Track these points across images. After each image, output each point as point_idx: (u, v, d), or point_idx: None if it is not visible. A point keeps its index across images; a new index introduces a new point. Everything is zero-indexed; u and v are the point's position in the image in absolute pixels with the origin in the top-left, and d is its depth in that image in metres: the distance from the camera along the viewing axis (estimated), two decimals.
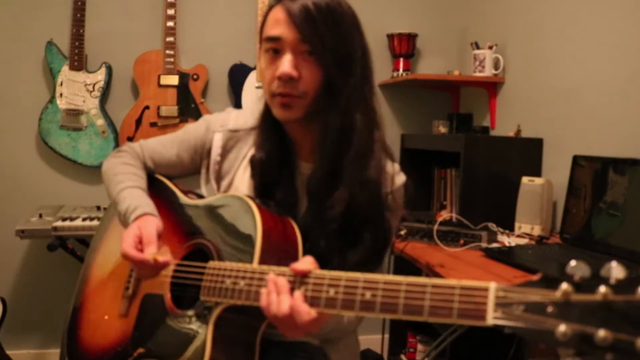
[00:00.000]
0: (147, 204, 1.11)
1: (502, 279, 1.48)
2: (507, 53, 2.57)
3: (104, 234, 1.29)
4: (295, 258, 0.96)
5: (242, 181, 1.15)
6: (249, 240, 0.96)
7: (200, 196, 1.21)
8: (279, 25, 1.01)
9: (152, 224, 1.04)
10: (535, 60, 2.37)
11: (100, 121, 2.65)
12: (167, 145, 1.25)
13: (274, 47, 1.02)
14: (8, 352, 2.47)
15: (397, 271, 2.69)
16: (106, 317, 1.14)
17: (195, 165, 1.23)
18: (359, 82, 1.03)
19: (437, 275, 1.59)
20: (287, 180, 1.09)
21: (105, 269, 1.22)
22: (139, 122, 2.67)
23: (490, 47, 2.59)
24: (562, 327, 0.56)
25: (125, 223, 1.10)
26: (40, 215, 2.32)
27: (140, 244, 1.02)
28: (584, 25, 2.08)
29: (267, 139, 1.11)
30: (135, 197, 1.12)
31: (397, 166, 1.13)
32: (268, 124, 1.11)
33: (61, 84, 2.62)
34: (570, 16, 2.16)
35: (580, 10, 2.11)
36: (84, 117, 2.64)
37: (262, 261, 0.93)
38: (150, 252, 1.00)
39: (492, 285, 0.66)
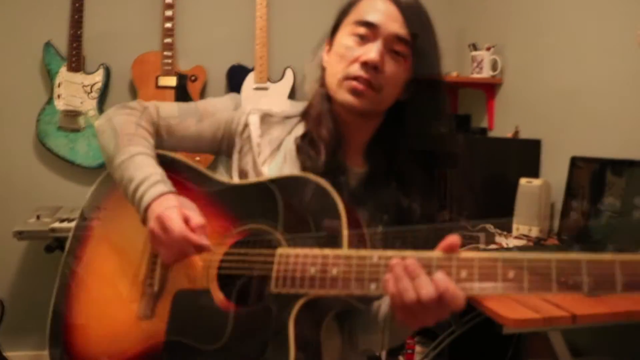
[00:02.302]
0: (170, 184, 0.94)
1: None
2: (505, 54, 2.57)
3: (94, 232, 1.09)
4: (365, 243, 0.88)
5: (279, 171, 1.02)
6: (331, 222, 0.84)
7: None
8: (379, 13, 0.95)
9: (191, 204, 0.92)
10: (533, 62, 2.37)
11: None
12: (187, 113, 1.08)
13: (363, 34, 0.96)
14: (6, 353, 2.46)
15: None
16: (117, 322, 0.97)
17: (213, 143, 1.08)
18: (445, 92, 1.02)
19: None
20: (342, 173, 0.99)
21: (103, 267, 1.03)
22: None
23: (488, 49, 2.59)
24: None
25: (138, 195, 0.92)
26: (38, 217, 2.32)
27: (188, 224, 0.88)
28: (582, 27, 2.09)
29: (329, 122, 1.01)
30: (153, 167, 0.95)
31: None
32: (323, 112, 1.02)
33: (59, 85, 2.62)
34: (568, 17, 2.16)
35: (578, 12, 2.11)
36: (82, 119, 2.64)
37: (351, 245, 0.82)
38: (206, 240, 0.88)
39: None
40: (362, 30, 0.96)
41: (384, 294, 0.76)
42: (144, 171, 0.93)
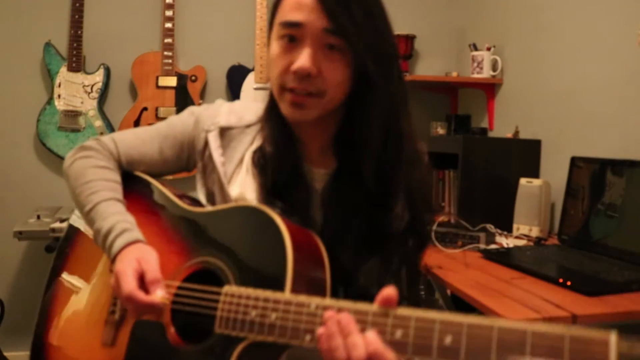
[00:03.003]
0: (134, 227, 0.94)
1: (501, 280, 1.48)
2: (505, 54, 2.57)
3: (73, 249, 1.10)
4: (323, 278, 0.84)
5: (244, 187, 0.98)
6: (275, 261, 0.79)
7: (195, 200, 1.03)
8: (302, 10, 0.85)
9: (152, 256, 0.88)
10: (533, 62, 2.37)
11: (98, 122, 2.65)
12: (147, 141, 1.05)
13: (291, 34, 0.87)
14: (6, 353, 2.46)
15: None
16: (85, 347, 0.97)
17: (180, 164, 1.06)
18: (397, 84, 0.90)
19: (434, 276, 1.59)
20: (302, 181, 0.94)
21: (78, 289, 1.04)
22: (137, 123, 2.67)
23: (488, 49, 2.59)
24: None
25: (106, 247, 0.92)
26: (38, 217, 2.32)
27: (141, 280, 0.85)
28: (582, 27, 2.09)
29: (277, 132, 0.96)
30: (117, 215, 0.94)
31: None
32: (273, 119, 0.96)
33: (59, 85, 2.62)
34: (568, 18, 2.16)
35: (578, 12, 2.11)
36: (82, 119, 2.64)
37: (295, 287, 0.77)
38: (160, 294, 0.85)
39: (613, 338, 0.53)
40: (288, 31, 0.87)
41: (317, 347, 0.70)
42: (109, 221, 0.92)
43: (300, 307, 0.72)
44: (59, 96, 2.62)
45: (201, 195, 1.03)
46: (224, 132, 1.01)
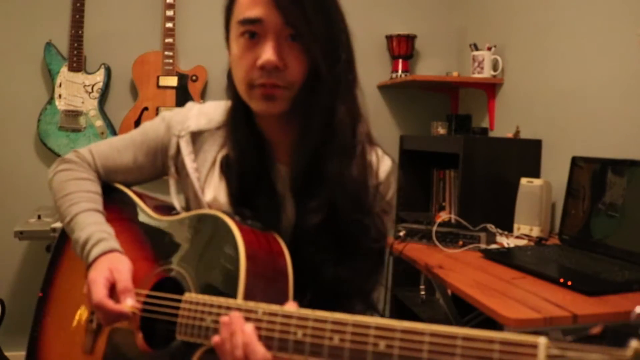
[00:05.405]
0: (111, 237, 0.96)
1: (501, 280, 1.48)
2: (506, 54, 2.57)
3: (60, 257, 1.14)
4: (285, 283, 0.86)
5: (216, 190, 0.99)
6: (230, 269, 0.82)
7: (169, 206, 1.06)
8: (257, 5, 0.86)
9: (124, 266, 0.91)
10: (534, 62, 2.37)
11: (99, 122, 2.65)
12: (122, 150, 1.08)
13: (251, 31, 0.87)
14: (7, 353, 2.46)
15: (396, 272, 2.69)
16: (69, 353, 1.01)
17: (156, 170, 1.08)
18: (344, 69, 0.91)
19: (435, 275, 1.59)
20: (268, 184, 0.95)
21: (64, 297, 1.08)
22: (137, 123, 2.67)
23: (489, 49, 2.59)
24: None
25: (84, 256, 0.94)
26: (39, 217, 2.32)
27: (112, 289, 0.88)
28: (583, 27, 2.08)
29: (241, 137, 0.97)
30: (95, 225, 0.97)
31: (379, 151, 1.01)
32: (238, 122, 0.97)
33: (60, 85, 2.62)
34: (569, 18, 2.16)
35: (579, 12, 2.11)
36: (82, 118, 2.64)
37: (248, 293, 0.80)
38: (130, 304, 0.87)
39: (542, 341, 0.54)
40: (247, 28, 0.87)
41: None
42: (86, 231, 0.95)
43: (249, 313, 0.75)
44: (60, 96, 2.62)
45: (175, 201, 1.05)
46: (195, 136, 1.02)
